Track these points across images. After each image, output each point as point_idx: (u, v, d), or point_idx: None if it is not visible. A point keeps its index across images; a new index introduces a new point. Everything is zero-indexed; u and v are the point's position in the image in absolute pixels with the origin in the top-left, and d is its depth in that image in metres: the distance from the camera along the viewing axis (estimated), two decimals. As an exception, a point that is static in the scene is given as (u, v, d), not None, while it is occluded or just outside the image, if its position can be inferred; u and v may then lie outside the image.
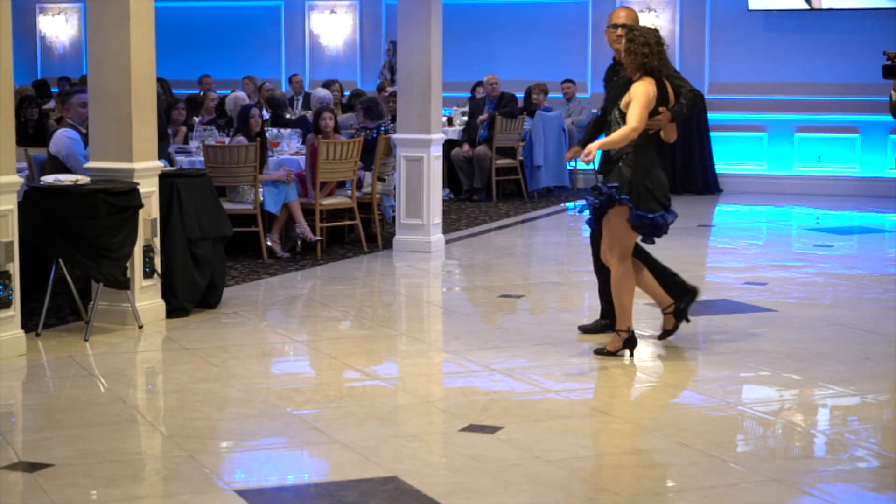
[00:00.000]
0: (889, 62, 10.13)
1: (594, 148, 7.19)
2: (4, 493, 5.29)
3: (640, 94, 7.29)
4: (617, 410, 6.53)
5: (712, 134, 16.98)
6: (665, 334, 7.77)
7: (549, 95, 16.30)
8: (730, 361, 7.49)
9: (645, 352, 7.70)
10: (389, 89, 15.86)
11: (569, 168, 16.35)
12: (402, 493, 5.21)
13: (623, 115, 7.29)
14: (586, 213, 7.67)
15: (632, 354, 7.49)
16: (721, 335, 8.21)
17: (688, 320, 7.82)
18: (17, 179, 7.56)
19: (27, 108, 12.30)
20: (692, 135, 16.70)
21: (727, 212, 15.52)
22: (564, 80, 16.68)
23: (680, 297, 7.77)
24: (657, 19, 17.19)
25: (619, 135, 7.25)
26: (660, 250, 10.12)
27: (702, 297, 8.14)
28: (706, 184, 16.84)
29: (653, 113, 7.30)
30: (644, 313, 8.41)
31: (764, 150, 17.08)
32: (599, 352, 7.55)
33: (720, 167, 17.05)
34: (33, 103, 12.62)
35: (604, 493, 5.25)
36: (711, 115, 16.91)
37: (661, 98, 7.34)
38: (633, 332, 7.47)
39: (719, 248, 12.53)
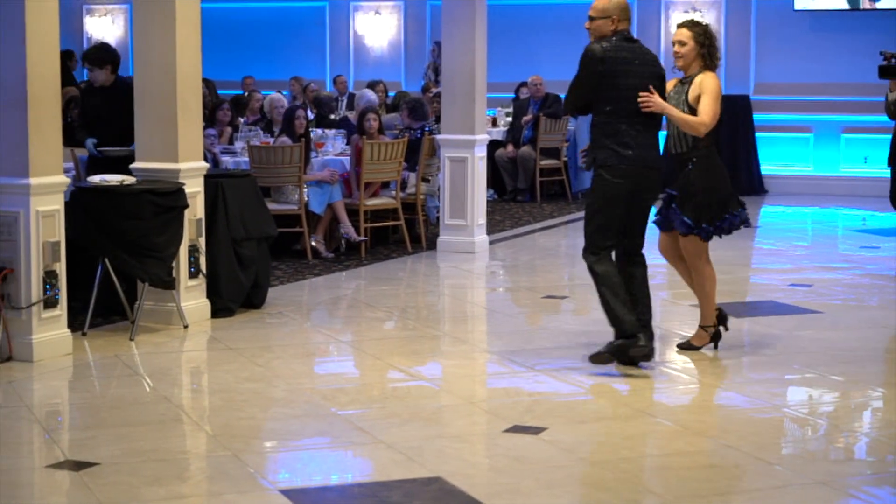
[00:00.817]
0: (885, 62, 10.04)
1: (661, 104, 7.13)
2: (51, 491, 5.36)
3: (714, 88, 7.29)
4: (661, 412, 6.53)
5: (758, 135, 16.92)
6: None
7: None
8: (775, 363, 7.47)
9: (689, 354, 7.69)
10: (434, 90, 15.87)
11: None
12: (446, 493, 5.22)
13: (693, 110, 7.25)
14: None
15: (716, 347, 7.61)
16: (766, 337, 8.18)
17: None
18: (64, 180, 7.63)
19: (74, 108, 12.37)
20: (738, 135, 16.65)
21: (773, 213, 15.44)
22: None
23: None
24: (702, 20, 17.12)
25: (689, 121, 7.22)
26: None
27: (747, 298, 8.09)
28: (751, 185, 16.76)
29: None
30: (688, 315, 8.40)
31: (810, 151, 16.98)
32: (684, 346, 7.61)
33: (765, 168, 16.97)
34: (79, 104, 12.70)
35: (648, 494, 5.26)
36: (757, 116, 16.84)
37: None
38: (717, 326, 7.57)
39: (765, 249, 12.47)
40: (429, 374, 7.43)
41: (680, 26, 7.54)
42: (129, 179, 8.20)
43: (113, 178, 8.20)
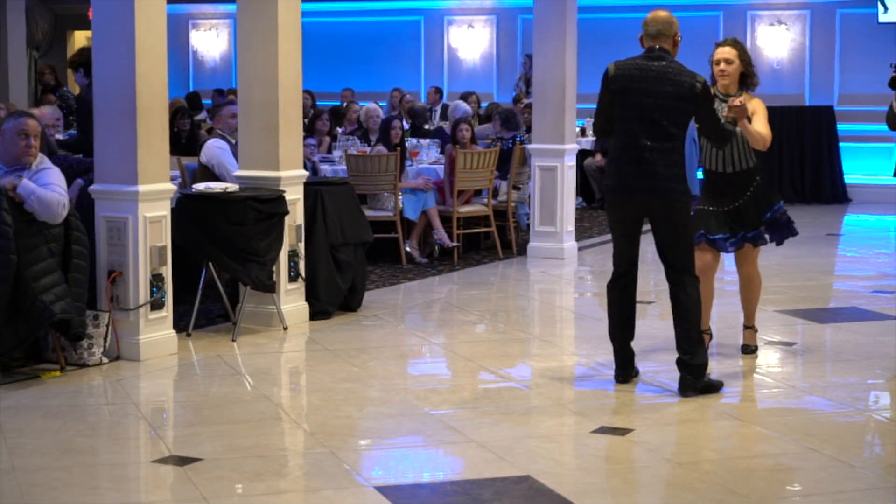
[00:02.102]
0: None
1: (741, 112, 7.00)
2: (156, 485, 5.48)
3: (764, 110, 7.30)
4: (746, 415, 6.54)
5: (841, 144, 16.81)
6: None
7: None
8: (858, 368, 7.46)
9: (773, 357, 7.72)
10: (525, 101, 15.96)
11: (699, 178, 16.31)
12: (536, 492, 5.27)
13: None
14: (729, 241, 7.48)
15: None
16: (848, 342, 8.17)
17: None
18: (171, 187, 7.77)
19: (180, 119, 12.63)
20: (822, 145, 16.59)
21: (855, 221, 15.33)
22: None
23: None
24: (787, 32, 17.08)
25: (763, 134, 7.17)
26: (788, 259, 10.16)
27: (830, 304, 8.05)
28: (835, 193, 16.69)
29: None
30: (772, 320, 8.44)
31: (893, 161, 16.81)
32: (747, 350, 7.71)
33: (849, 177, 16.86)
34: (186, 114, 12.96)
35: (732, 495, 5.26)
36: (841, 126, 16.75)
37: None
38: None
39: (847, 256, 12.41)
40: (518, 376, 7.49)
41: (722, 45, 7.40)
42: (232, 187, 8.32)
43: (217, 186, 8.33)
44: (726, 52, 7.33)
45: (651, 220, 6.83)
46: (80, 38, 23.75)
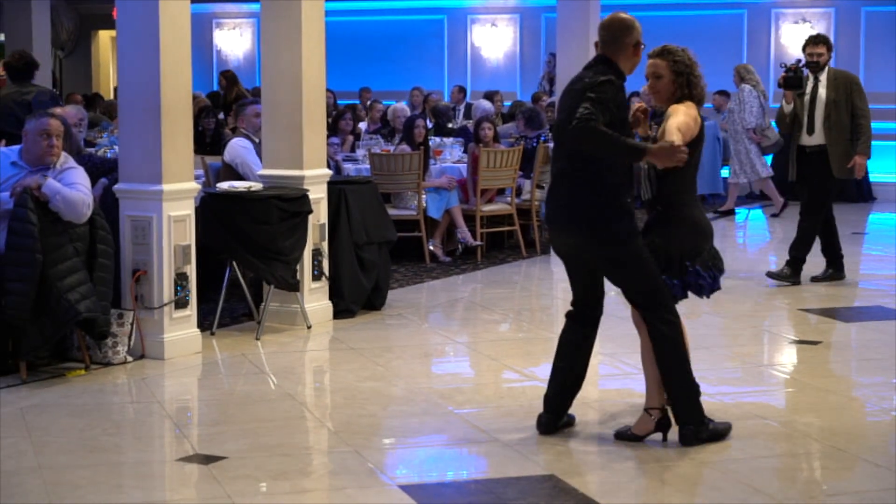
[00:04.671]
0: (788, 73, 9.79)
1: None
2: (181, 483, 5.51)
3: (684, 113, 6.02)
4: (771, 414, 6.52)
5: (866, 142, 16.75)
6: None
7: (705, 105, 16.20)
8: (883, 367, 7.44)
9: (798, 356, 7.71)
10: (546, 99, 15.97)
11: (722, 177, 16.30)
12: (560, 491, 5.28)
13: None
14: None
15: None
16: (874, 341, 8.15)
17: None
18: (195, 186, 7.81)
19: (205, 118, 12.68)
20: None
21: (881, 220, 15.28)
22: (717, 92, 16.62)
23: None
24: (812, 30, 17.00)
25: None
26: (813, 257, 10.10)
27: (855, 303, 8.01)
28: (860, 192, 16.62)
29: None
30: (796, 319, 8.40)
31: (918, 160, 16.81)
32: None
33: (874, 176, 16.79)
34: (210, 113, 13.01)
35: (757, 494, 5.26)
36: (866, 124, 16.69)
37: None
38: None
39: (873, 255, 12.38)
40: (542, 375, 7.34)
41: (651, 56, 6.11)
42: (256, 185, 8.35)
43: (241, 185, 8.36)
44: (653, 65, 6.09)
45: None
46: (104, 38, 23.87)
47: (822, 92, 9.96)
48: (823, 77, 10.01)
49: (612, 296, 6.39)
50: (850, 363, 7.70)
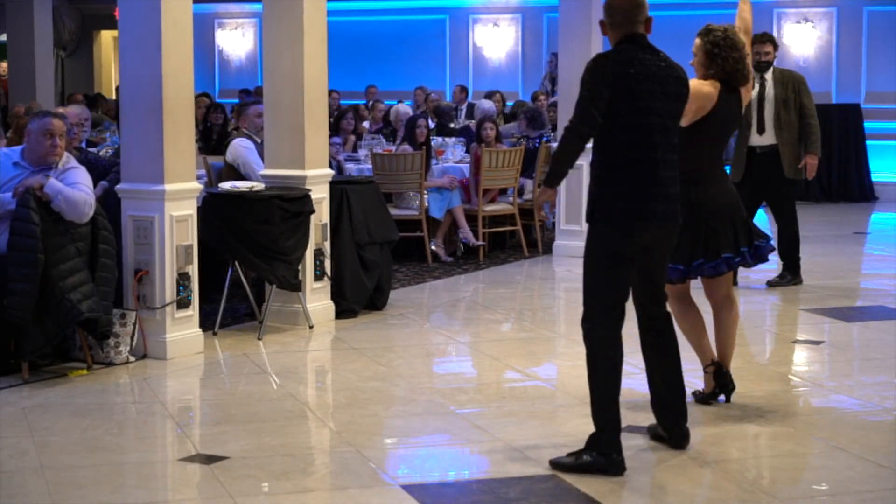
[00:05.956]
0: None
1: None
2: (183, 483, 5.51)
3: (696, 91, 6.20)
4: (772, 414, 6.50)
5: (868, 142, 16.76)
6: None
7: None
8: (885, 367, 7.42)
9: (800, 356, 7.71)
10: (545, 98, 15.97)
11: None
12: (562, 490, 5.28)
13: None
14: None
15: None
16: (876, 341, 8.14)
17: None
18: (197, 186, 7.81)
19: (213, 114, 12.67)
20: (849, 143, 16.57)
21: (883, 219, 15.25)
22: None
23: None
24: (814, 30, 17.03)
25: None
26: (814, 257, 10.08)
27: (857, 303, 8.01)
28: (862, 191, 16.65)
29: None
30: (799, 319, 8.40)
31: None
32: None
33: (876, 175, 16.81)
34: (218, 109, 12.99)
35: (758, 494, 5.26)
36: (868, 124, 16.70)
37: None
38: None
39: (875, 255, 12.36)
40: (544, 375, 7.50)
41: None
42: (258, 185, 8.36)
43: (243, 185, 8.37)
44: (694, 43, 6.53)
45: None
46: (106, 38, 23.89)
47: (771, 91, 9.91)
48: (769, 76, 9.96)
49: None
50: (852, 363, 7.70)
